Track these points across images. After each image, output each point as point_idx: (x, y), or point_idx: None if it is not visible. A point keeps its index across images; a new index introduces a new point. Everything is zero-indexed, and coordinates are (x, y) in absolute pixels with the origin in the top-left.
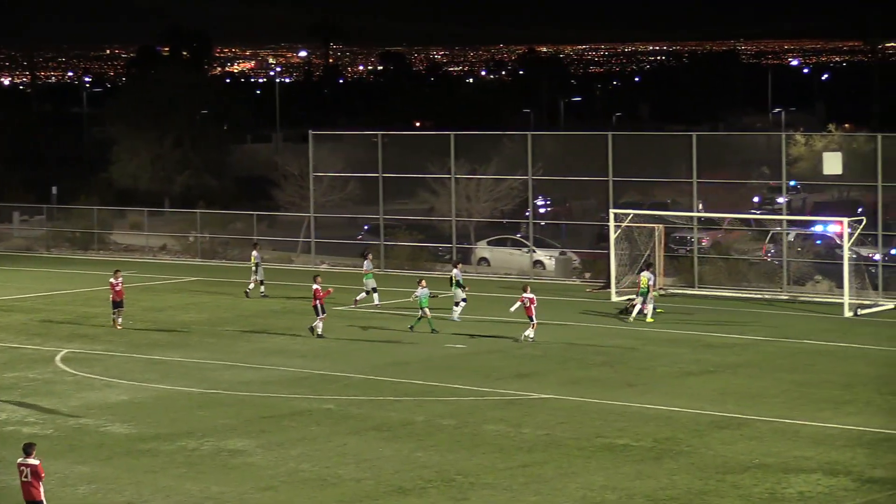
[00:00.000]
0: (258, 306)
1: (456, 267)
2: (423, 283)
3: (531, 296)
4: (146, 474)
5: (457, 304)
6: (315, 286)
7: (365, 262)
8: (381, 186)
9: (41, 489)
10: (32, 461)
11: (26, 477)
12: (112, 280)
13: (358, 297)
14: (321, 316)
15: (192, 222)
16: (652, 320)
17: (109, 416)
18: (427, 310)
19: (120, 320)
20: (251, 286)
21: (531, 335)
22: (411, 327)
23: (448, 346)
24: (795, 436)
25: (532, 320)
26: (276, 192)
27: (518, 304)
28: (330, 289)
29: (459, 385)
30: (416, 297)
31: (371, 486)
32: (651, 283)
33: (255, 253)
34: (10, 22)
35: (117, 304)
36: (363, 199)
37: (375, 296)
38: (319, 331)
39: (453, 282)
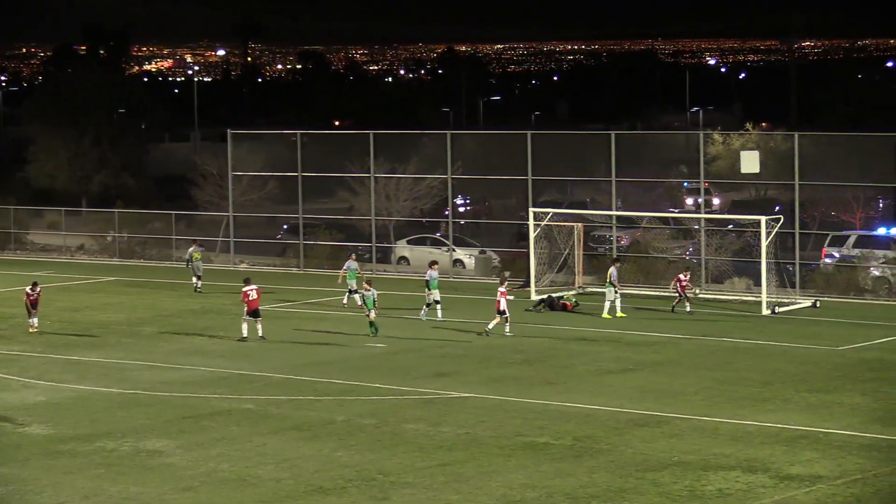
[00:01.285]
0: (177, 306)
1: (431, 268)
2: (369, 284)
3: (503, 289)
4: (65, 475)
5: (428, 304)
6: (246, 288)
7: (349, 262)
8: (301, 186)
9: None
10: None
11: None
12: (28, 290)
13: (347, 301)
14: (245, 318)
15: (111, 222)
16: (608, 317)
17: (27, 417)
18: (373, 312)
19: (35, 321)
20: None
21: (496, 328)
22: (375, 332)
23: (368, 346)
24: (714, 433)
25: (504, 313)
26: (195, 192)
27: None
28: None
29: (380, 384)
30: (363, 297)
31: (291, 486)
32: (613, 279)
33: (191, 248)
34: None
35: (32, 308)
36: (282, 198)
37: (356, 296)
38: (244, 333)
39: (429, 284)
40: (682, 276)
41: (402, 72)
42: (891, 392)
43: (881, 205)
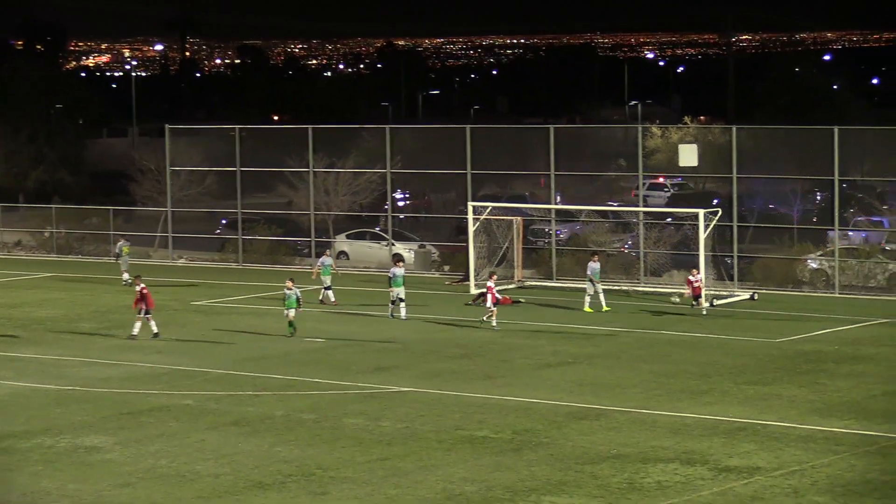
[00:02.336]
0: (115, 302)
1: (396, 265)
2: (291, 283)
3: (492, 284)
4: (2, 472)
5: (393, 302)
6: (138, 287)
7: (323, 258)
8: (239, 181)
9: None
10: None
11: None
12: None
13: (323, 297)
14: (139, 316)
15: (48, 218)
16: (590, 311)
17: None
18: (292, 311)
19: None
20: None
21: (490, 320)
22: (293, 332)
23: (308, 341)
24: (653, 426)
25: (492, 307)
26: (133, 187)
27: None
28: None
29: (319, 379)
30: (287, 296)
31: (230, 482)
32: (592, 273)
33: (119, 242)
34: None
35: None
36: (221, 193)
37: (329, 293)
38: (145, 329)
39: (391, 280)
40: (691, 278)
41: (340, 66)
42: (828, 384)
43: (819, 198)
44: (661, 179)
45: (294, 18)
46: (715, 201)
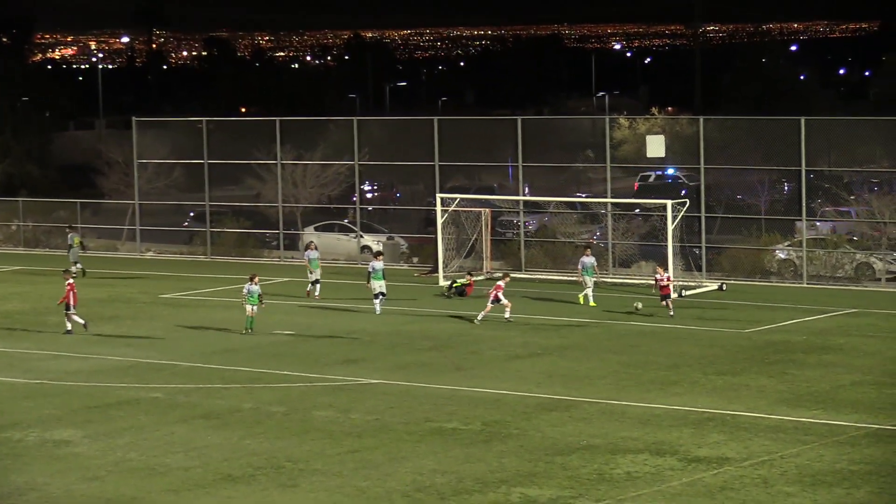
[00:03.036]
0: (83, 295)
1: (377, 259)
2: (256, 279)
3: (501, 283)
4: None
5: (376, 296)
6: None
7: (309, 252)
8: (207, 173)
9: None
10: None
11: None
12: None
13: (310, 290)
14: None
15: (15, 211)
16: (594, 305)
17: None
18: (254, 308)
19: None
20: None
21: (483, 318)
22: (250, 329)
23: (276, 333)
24: (622, 417)
25: (500, 301)
26: (100, 180)
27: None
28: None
29: (288, 371)
30: (246, 293)
31: (200, 474)
32: (585, 266)
33: (70, 234)
34: None
35: None
36: (189, 185)
37: (317, 286)
38: (72, 323)
39: (372, 275)
40: (658, 276)
41: (308, 58)
42: (796, 374)
43: (786, 188)
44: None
45: (261, 10)
46: (682, 192)
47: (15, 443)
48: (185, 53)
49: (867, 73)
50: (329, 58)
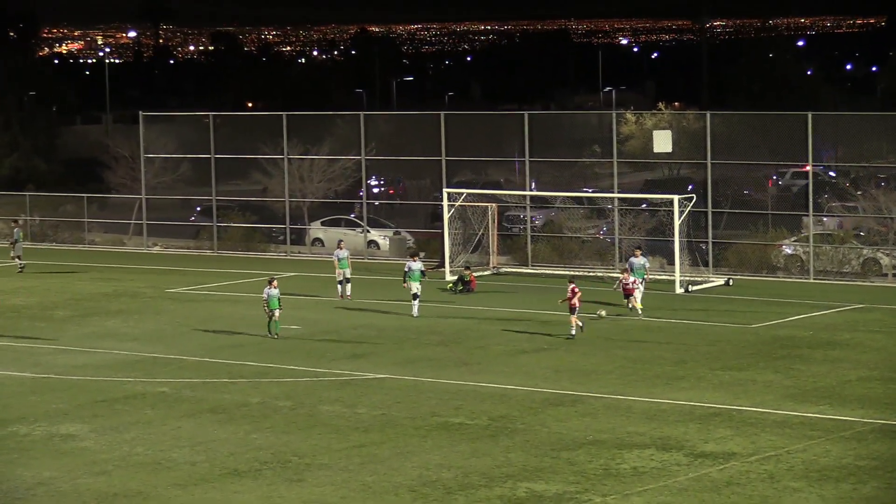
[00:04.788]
0: (90, 289)
1: (414, 259)
2: (275, 283)
3: (573, 286)
4: None
5: (414, 297)
6: None
7: (338, 251)
8: (214, 168)
9: None
10: None
11: None
12: None
13: (341, 292)
14: None
15: (22, 205)
16: (640, 306)
17: None
18: (277, 312)
19: None
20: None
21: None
22: (276, 335)
23: (283, 328)
24: (629, 412)
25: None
26: (107, 174)
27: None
28: None
29: (295, 366)
30: (266, 298)
31: (206, 469)
32: (636, 268)
33: (16, 229)
34: None
35: None
36: (195, 180)
37: (347, 287)
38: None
39: (409, 275)
40: (622, 278)
41: (314, 53)
42: (803, 369)
43: (783, 182)
44: (807, 168)
45: (267, 5)
46: (689, 187)
47: (22, 437)
48: (191, 48)
49: (874, 69)
50: (336, 52)
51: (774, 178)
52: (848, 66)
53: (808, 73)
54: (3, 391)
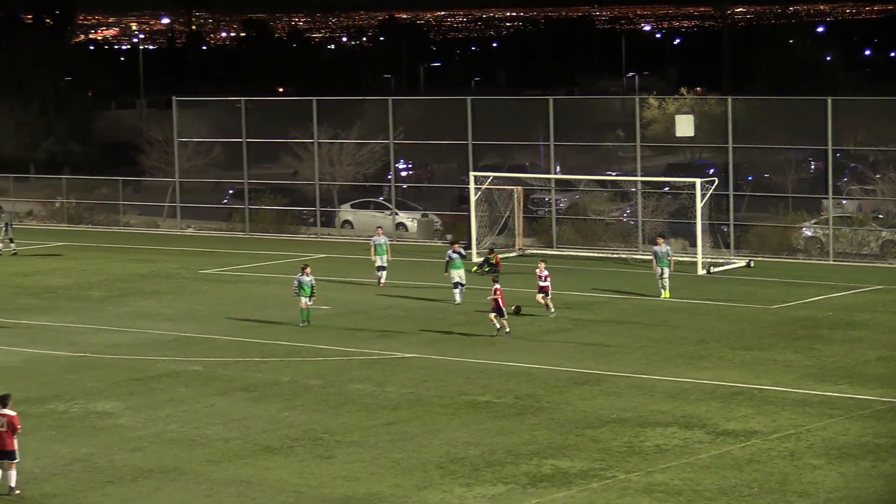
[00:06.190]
0: (125, 270)
1: (453, 246)
2: (308, 270)
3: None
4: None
5: (455, 286)
6: None
7: (375, 237)
8: (245, 151)
9: (15, 440)
10: (9, 412)
11: (2, 427)
12: None
13: (379, 277)
14: None
15: (58, 188)
16: (667, 295)
17: None
18: (308, 300)
19: None
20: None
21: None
22: (307, 322)
23: (314, 308)
24: (652, 390)
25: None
26: (142, 158)
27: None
28: None
29: (325, 345)
30: (297, 285)
31: (239, 446)
32: (661, 256)
33: (4, 215)
34: None
35: None
36: (227, 163)
37: (383, 273)
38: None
39: (449, 264)
40: (538, 271)
41: (343, 39)
42: (822, 349)
43: (812, 167)
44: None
45: None
46: (711, 171)
47: (59, 414)
48: (223, 35)
49: (893, 54)
50: (364, 39)
51: (813, 163)
52: (867, 52)
53: (828, 58)
54: (40, 369)
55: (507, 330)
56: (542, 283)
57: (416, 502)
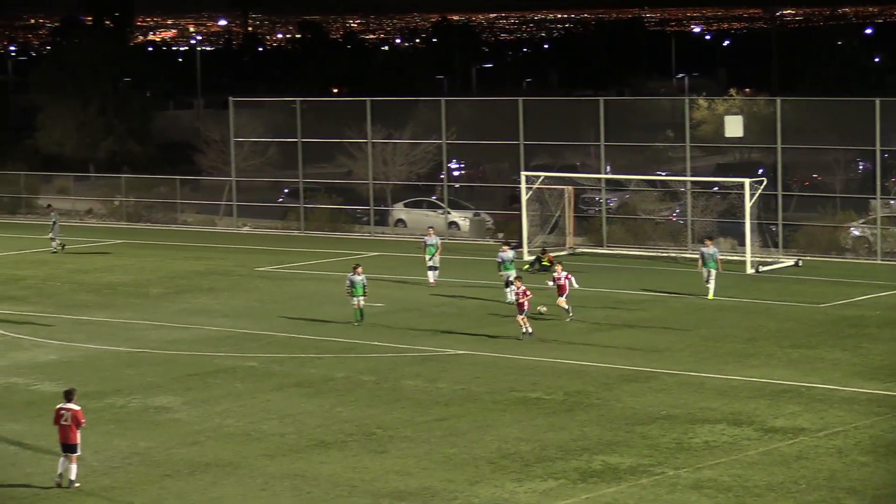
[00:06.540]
0: (183, 267)
1: (505, 249)
2: (360, 269)
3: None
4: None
5: (506, 284)
6: None
7: (427, 237)
8: (301, 151)
9: (79, 435)
10: (73, 406)
11: (66, 421)
12: None
13: (432, 279)
14: None
15: (118, 187)
16: (711, 297)
17: (39, 376)
18: (360, 299)
19: None
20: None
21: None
22: (359, 322)
23: (368, 305)
24: (701, 388)
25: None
26: (199, 157)
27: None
28: None
29: (379, 342)
30: (349, 285)
31: (294, 440)
32: (707, 257)
33: (52, 214)
34: None
35: None
36: (283, 163)
37: (431, 274)
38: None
39: (501, 265)
40: (556, 274)
41: (397, 41)
42: (870, 348)
43: (861, 167)
44: None
45: None
46: (760, 171)
47: (118, 409)
48: (279, 36)
49: None
50: (418, 40)
51: (861, 164)
52: None
53: (876, 60)
54: (100, 365)
55: (530, 331)
56: (559, 283)
57: (468, 497)
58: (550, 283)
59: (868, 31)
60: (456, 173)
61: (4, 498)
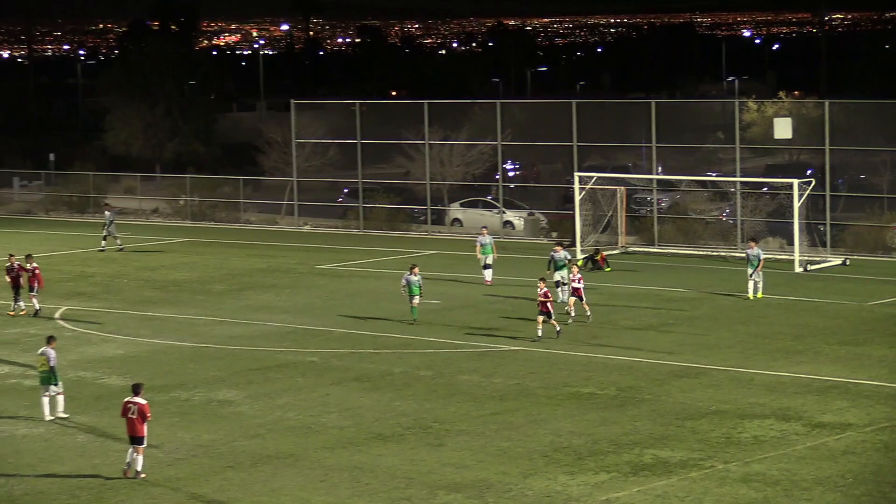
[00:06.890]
0: (245, 265)
1: (558, 249)
2: (416, 269)
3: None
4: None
5: (557, 284)
6: (31, 265)
7: (480, 237)
8: (360, 152)
9: (145, 427)
10: (140, 400)
11: (133, 414)
12: (28, 265)
13: (487, 278)
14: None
15: (183, 186)
16: (760, 296)
17: (106, 370)
18: (417, 298)
19: (22, 304)
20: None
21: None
22: (415, 320)
23: (424, 302)
24: (750, 384)
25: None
26: (261, 158)
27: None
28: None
29: (435, 338)
30: (405, 284)
31: (353, 433)
32: (752, 257)
33: (107, 213)
34: None
35: (23, 289)
36: (343, 164)
37: (487, 272)
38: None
39: (557, 265)
40: (571, 275)
41: (454, 45)
42: None
43: None
44: None
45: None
46: (808, 172)
47: (182, 402)
48: (339, 40)
49: None
50: (474, 44)
51: None
52: None
53: None
54: (164, 359)
55: (559, 329)
56: (574, 286)
57: (522, 489)
58: (562, 283)
59: None
60: (511, 174)
61: (73, 488)
